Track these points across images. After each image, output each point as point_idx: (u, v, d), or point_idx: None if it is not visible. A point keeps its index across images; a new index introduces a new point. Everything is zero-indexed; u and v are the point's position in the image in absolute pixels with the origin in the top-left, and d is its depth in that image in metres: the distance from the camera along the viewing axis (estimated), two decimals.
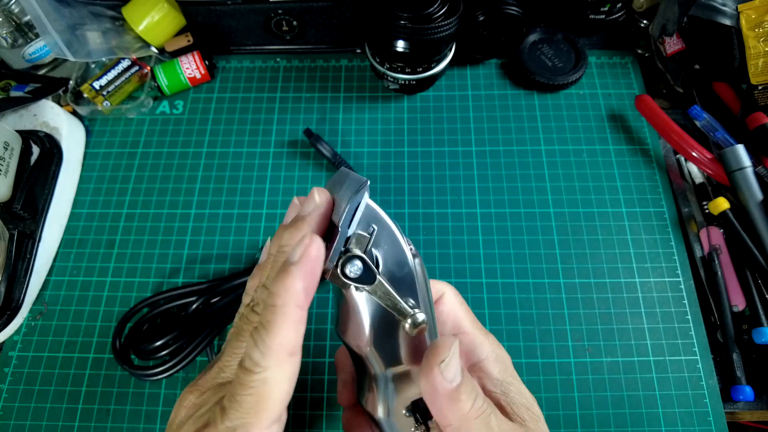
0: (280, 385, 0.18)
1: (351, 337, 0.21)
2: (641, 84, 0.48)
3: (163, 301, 0.37)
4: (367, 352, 0.21)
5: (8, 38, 0.46)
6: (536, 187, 0.43)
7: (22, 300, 0.38)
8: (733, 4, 0.38)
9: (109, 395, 0.37)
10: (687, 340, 0.37)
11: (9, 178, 0.39)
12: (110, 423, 0.36)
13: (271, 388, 0.18)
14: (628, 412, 0.35)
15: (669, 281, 0.39)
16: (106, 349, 0.38)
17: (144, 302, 0.37)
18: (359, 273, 0.19)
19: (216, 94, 0.48)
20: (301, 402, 0.36)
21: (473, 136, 0.45)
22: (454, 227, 0.42)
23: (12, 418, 0.36)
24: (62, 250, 0.42)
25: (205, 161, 0.45)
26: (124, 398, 0.37)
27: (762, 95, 0.40)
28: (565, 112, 0.46)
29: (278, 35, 0.48)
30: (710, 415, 0.35)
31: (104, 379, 0.37)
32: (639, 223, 0.41)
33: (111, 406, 0.37)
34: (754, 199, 0.38)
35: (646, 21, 0.48)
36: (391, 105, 0.47)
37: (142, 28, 0.46)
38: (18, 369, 0.38)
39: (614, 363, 0.37)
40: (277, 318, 0.18)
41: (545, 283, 0.39)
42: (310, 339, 0.38)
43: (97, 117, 0.47)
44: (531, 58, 0.47)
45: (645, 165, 0.44)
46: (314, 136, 0.43)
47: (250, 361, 0.18)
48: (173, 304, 0.37)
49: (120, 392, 0.37)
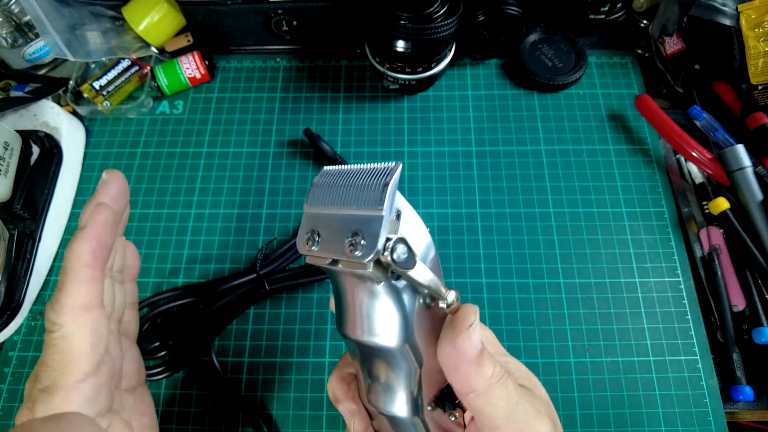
0: (81, 339, 0.20)
1: (374, 336, 0.20)
2: (641, 84, 0.48)
3: (163, 301, 0.37)
4: (397, 349, 0.20)
5: (8, 38, 0.46)
6: (536, 187, 0.43)
7: (22, 300, 0.38)
8: (733, 4, 0.38)
9: None
10: (687, 340, 0.37)
11: (9, 178, 0.39)
12: None
13: (72, 341, 0.20)
14: (628, 412, 0.35)
15: (669, 281, 0.39)
16: None
17: (144, 302, 0.37)
18: (404, 257, 0.18)
19: (216, 94, 0.48)
20: (301, 402, 0.36)
21: (473, 136, 0.45)
22: (454, 227, 0.42)
23: (12, 418, 0.36)
24: (62, 250, 0.42)
25: (205, 161, 0.45)
26: None
27: (762, 95, 0.40)
28: (565, 112, 0.46)
29: (278, 35, 0.48)
30: (710, 415, 0.35)
31: None
32: (639, 223, 0.41)
33: None
34: (754, 199, 0.38)
35: (646, 21, 0.48)
36: (391, 105, 0.47)
37: (142, 28, 0.46)
38: (18, 369, 0.38)
39: (614, 363, 0.37)
40: (68, 278, 0.20)
41: (545, 283, 0.39)
42: (310, 339, 0.38)
43: (97, 117, 0.47)
44: (531, 58, 0.47)
45: (645, 165, 0.44)
46: (315, 136, 0.43)
47: (48, 323, 0.20)
48: (173, 304, 0.37)
49: None
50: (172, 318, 0.37)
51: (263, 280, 0.37)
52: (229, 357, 0.38)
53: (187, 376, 0.37)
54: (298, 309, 0.39)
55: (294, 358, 0.38)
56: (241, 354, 0.38)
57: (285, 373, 0.37)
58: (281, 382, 0.37)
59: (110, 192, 0.23)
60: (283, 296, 0.39)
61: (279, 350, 0.38)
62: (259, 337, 0.38)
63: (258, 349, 0.38)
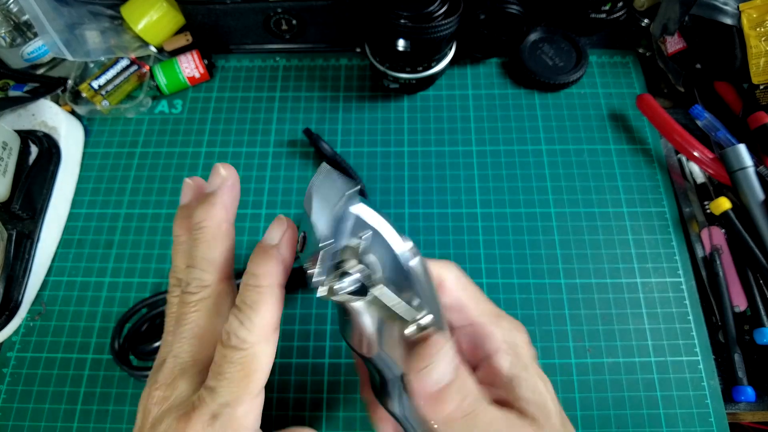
0: (266, 358, 0.20)
1: (356, 344, 0.21)
2: (642, 83, 0.47)
3: (162, 301, 0.37)
4: (374, 356, 0.20)
5: (7, 37, 0.46)
6: (537, 186, 0.43)
7: (20, 300, 0.38)
8: (734, 4, 0.38)
9: (107, 396, 0.37)
10: (688, 340, 0.37)
11: (7, 178, 0.39)
12: (109, 424, 0.36)
13: (259, 361, 0.20)
14: (630, 413, 0.35)
15: (670, 281, 0.39)
16: (105, 350, 0.38)
17: (143, 303, 0.37)
18: (355, 287, 0.18)
19: (215, 93, 0.48)
20: (301, 403, 0.36)
21: (473, 136, 0.45)
22: (455, 227, 0.41)
23: (11, 419, 0.36)
24: (61, 250, 0.42)
25: (204, 161, 0.45)
26: (122, 399, 0.37)
27: (763, 95, 0.40)
28: (566, 111, 0.46)
29: (278, 34, 0.48)
30: (712, 416, 0.35)
31: (103, 379, 0.37)
32: (640, 223, 0.41)
33: (110, 407, 0.36)
34: (756, 198, 0.38)
35: (647, 20, 0.47)
36: (391, 105, 0.47)
37: (141, 28, 0.46)
38: (16, 370, 0.38)
39: (615, 364, 0.37)
40: (263, 297, 0.20)
41: (546, 283, 0.39)
42: (309, 340, 0.38)
43: (95, 116, 0.47)
44: (532, 57, 0.47)
45: (646, 164, 0.44)
46: (314, 136, 0.43)
47: (237, 339, 0.19)
48: None
49: (119, 393, 0.37)
50: None
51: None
52: None
53: None
54: (297, 310, 0.39)
55: (293, 359, 0.37)
56: None
57: (284, 375, 0.37)
58: (280, 383, 0.37)
59: (228, 189, 0.23)
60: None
61: (278, 351, 0.38)
62: None
63: None
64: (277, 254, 0.20)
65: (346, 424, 0.36)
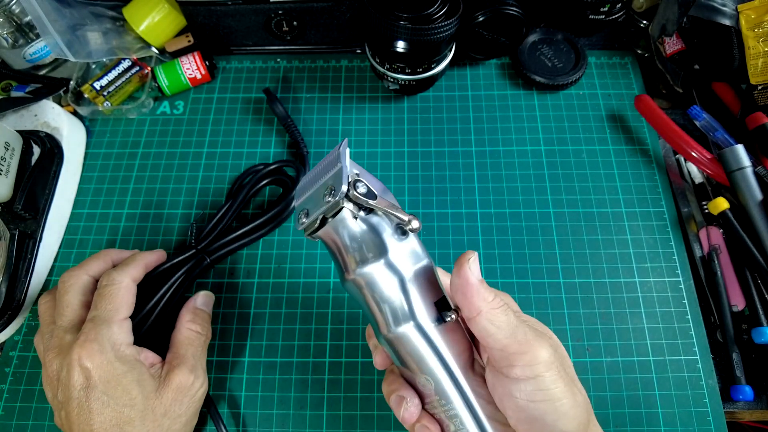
0: (130, 292, 0.32)
1: (364, 263, 0.23)
2: (641, 84, 0.48)
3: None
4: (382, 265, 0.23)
5: (9, 38, 0.46)
6: (536, 187, 0.43)
7: (23, 300, 0.38)
8: (732, 4, 0.38)
9: None
10: (687, 339, 0.37)
11: (10, 178, 0.39)
12: None
13: (126, 291, 0.32)
14: (628, 412, 0.35)
15: (669, 281, 0.39)
16: None
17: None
18: (365, 190, 0.23)
19: (216, 94, 0.49)
20: (302, 401, 0.36)
21: (473, 137, 0.45)
22: (454, 227, 0.42)
23: (14, 418, 0.36)
24: (63, 250, 0.42)
25: (205, 161, 0.45)
26: None
27: (761, 95, 0.40)
28: (565, 112, 0.46)
29: (278, 35, 0.48)
30: (710, 415, 0.35)
31: None
32: (639, 223, 0.41)
33: None
34: (754, 199, 0.38)
35: (645, 21, 0.48)
36: (391, 105, 0.47)
37: (143, 29, 0.46)
38: (19, 369, 0.38)
39: (614, 363, 0.37)
40: (136, 260, 0.34)
41: (545, 283, 0.39)
42: (310, 339, 0.38)
43: (97, 117, 0.47)
44: (531, 58, 0.47)
45: (645, 165, 0.44)
46: (271, 96, 0.45)
47: (110, 278, 0.32)
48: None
49: None
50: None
51: (203, 254, 0.38)
52: (229, 357, 0.38)
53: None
54: (298, 309, 0.39)
55: (294, 358, 0.38)
56: (241, 354, 0.38)
57: (285, 373, 0.37)
58: (281, 382, 0.37)
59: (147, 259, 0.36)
60: (283, 296, 0.40)
61: (279, 350, 0.38)
62: (259, 337, 0.38)
63: (258, 349, 0.38)
64: (144, 257, 0.35)
65: (347, 422, 0.36)
